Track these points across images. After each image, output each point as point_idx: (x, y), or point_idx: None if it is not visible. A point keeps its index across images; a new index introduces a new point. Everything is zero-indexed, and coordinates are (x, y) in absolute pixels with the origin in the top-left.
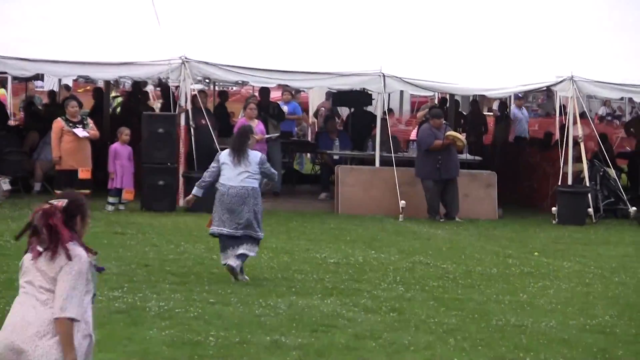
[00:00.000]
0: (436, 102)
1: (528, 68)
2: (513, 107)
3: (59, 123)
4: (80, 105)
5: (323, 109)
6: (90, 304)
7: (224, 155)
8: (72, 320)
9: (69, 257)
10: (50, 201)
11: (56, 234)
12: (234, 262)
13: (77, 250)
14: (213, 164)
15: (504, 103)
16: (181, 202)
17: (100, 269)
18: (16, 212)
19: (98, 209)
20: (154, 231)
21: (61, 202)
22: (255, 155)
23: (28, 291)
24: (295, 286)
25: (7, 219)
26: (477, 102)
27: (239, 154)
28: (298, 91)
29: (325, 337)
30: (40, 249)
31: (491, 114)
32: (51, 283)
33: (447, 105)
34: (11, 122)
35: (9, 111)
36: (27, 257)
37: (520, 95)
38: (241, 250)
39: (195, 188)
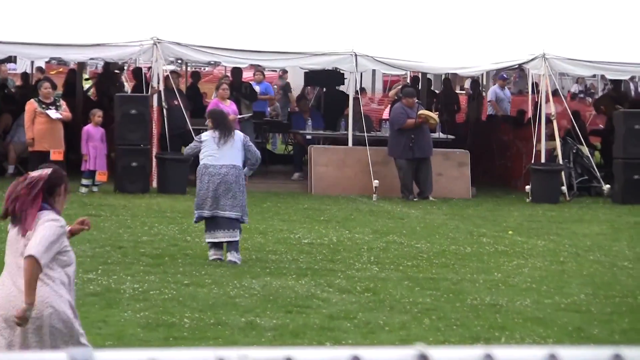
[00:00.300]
0: (408, 81)
1: (500, 46)
2: (495, 87)
3: (32, 105)
4: (54, 87)
5: (309, 88)
6: (66, 278)
7: (208, 135)
8: (32, 259)
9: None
10: (33, 172)
11: (35, 201)
12: (235, 258)
13: (53, 215)
14: (194, 143)
15: (476, 81)
16: (154, 183)
17: None
18: None
19: (71, 191)
20: (127, 213)
21: (45, 172)
22: (238, 135)
23: (9, 269)
24: (269, 267)
25: None
26: (450, 80)
27: (227, 133)
28: (285, 71)
29: (300, 318)
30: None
31: (463, 92)
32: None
33: (419, 84)
34: None
35: None
36: (11, 229)
37: (505, 76)
38: (226, 239)
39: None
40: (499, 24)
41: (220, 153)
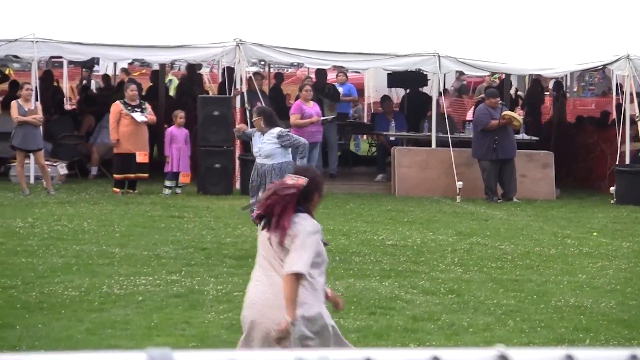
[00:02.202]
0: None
1: (583, 47)
2: None
3: (117, 106)
4: (140, 88)
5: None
6: (322, 279)
7: None
8: (298, 275)
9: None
10: (291, 177)
11: (287, 212)
12: None
13: (307, 219)
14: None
15: (559, 83)
16: (237, 184)
17: (324, 243)
18: (74, 197)
19: (155, 193)
20: (210, 214)
21: (301, 181)
22: None
23: (263, 266)
24: (353, 268)
25: (64, 203)
26: (538, 81)
27: None
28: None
29: (384, 319)
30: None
31: (547, 94)
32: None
33: (504, 85)
34: (67, 107)
35: (65, 96)
36: (262, 233)
37: None
38: None
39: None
40: (582, 25)
41: None
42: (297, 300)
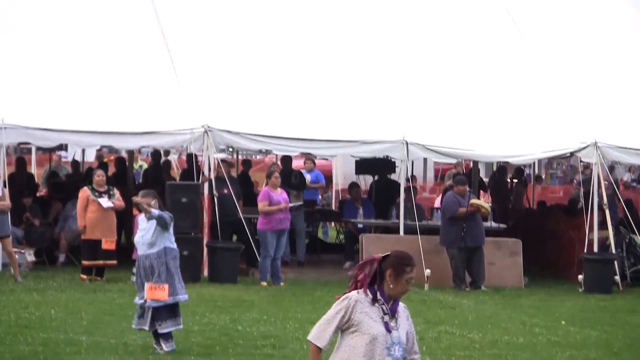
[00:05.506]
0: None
1: (551, 134)
2: None
3: (85, 192)
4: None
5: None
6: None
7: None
8: (314, 344)
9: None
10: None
11: (355, 282)
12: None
13: (351, 293)
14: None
15: (520, 169)
16: (205, 272)
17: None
18: (41, 284)
19: (122, 280)
20: None
21: (377, 256)
22: None
23: None
24: (322, 357)
25: (31, 290)
26: (504, 168)
27: None
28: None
29: None
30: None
31: (515, 180)
32: None
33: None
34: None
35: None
36: None
37: None
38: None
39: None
40: (550, 112)
41: None
42: None
